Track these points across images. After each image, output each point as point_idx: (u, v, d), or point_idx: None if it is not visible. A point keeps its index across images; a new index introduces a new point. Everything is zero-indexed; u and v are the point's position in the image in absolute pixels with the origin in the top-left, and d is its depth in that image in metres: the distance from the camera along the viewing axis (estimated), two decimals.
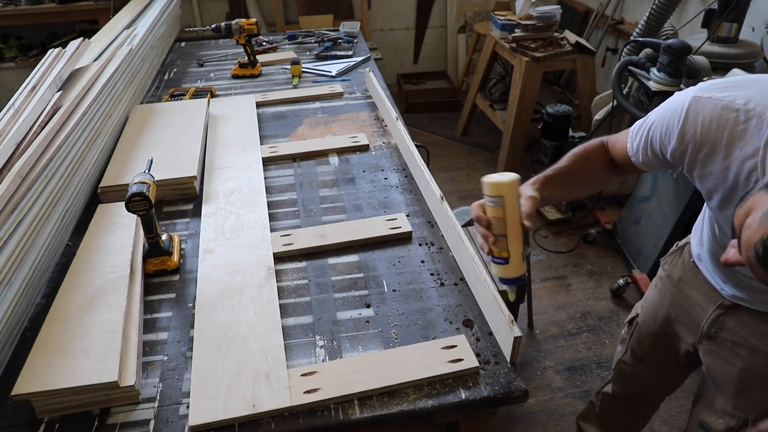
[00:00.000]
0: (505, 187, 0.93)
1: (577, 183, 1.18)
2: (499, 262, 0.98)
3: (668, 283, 1.38)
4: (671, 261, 1.39)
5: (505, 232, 0.95)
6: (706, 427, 1.33)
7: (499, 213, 0.94)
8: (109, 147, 1.80)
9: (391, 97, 2.08)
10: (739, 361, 1.21)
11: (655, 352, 1.47)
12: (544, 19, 3.18)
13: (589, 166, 1.17)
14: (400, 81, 4.66)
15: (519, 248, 0.96)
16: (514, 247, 0.96)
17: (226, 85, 2.39)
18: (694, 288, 1.29)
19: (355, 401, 0.99)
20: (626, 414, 1.70)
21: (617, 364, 1.60)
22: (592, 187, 1.25)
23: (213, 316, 1.15)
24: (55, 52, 1.91)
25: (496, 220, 0.95)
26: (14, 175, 1.23)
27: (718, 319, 1.23)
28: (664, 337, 1.42)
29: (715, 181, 0.97)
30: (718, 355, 1.25)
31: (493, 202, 0.94)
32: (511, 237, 0.96)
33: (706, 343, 1.27)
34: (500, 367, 1.04)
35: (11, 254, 1.15)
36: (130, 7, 2.87)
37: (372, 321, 1.16)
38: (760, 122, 0.88)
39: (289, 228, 1.44)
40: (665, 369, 1.49)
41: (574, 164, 1.15)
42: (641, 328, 1.48)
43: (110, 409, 0.99)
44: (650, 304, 1.45)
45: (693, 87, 1.00)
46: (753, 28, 2.61)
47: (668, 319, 1.38)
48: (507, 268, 0.98)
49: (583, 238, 2.99)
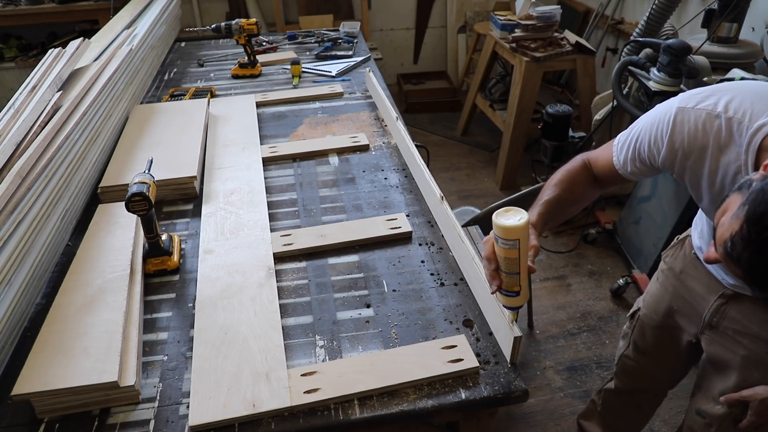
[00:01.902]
0: (520, 230, 0.96)
1: (567, 208, 1.22)
2: (510, 296, 1.03)
3: (670, 275, 1.41)
4: (672, 254, 1.41)
5: (518, 269, 1.00)
6: (703, 414, 1.36)
7: (515, 254, 0.98)
8: (109, 147, 1.80)
9: (391, 97, 2.08)
10: (741, 349, 1.23)
11: (658, 344, 1.49)
12: (544, 19, 3.18)
13: (575, 190, 1.21)
14: (400, 81, 4.66)
15: (527, 282, 1.03)
16: (524, 282, 1.02)
17: (226, 85, 2.39)
18: (695, 279, 1.32)
19: (355, 401, 0.99)
20: (628, 410, 1.70)
21: (620, 359, 1.62)
22: (579, 207, 1.29)
23: (213, 316, 1.15)
24: (55, 52, 1.91)
25: (510, 261, 0.99)
26: (14, 175, 1.23)
27: (720, 309, 1.25)
28: (666, 330, 1.44)
29: (704, 185, 1.03)
30: (721, 344, 1.27)
31: (507, 244, 0.97)
32: (523, 274, 1.01)
33: (709, 333, 1.29)
34: (500, 367, 1.04)
35: (11, 254, 1.15)
36: (130, 7, 2.87)
37: (372, 321, 1.16)
38: (740, 128, 0.94)
39: (289, 228, 1.45)
40: (667, 362, 1.51)
41: (563, 192, 1.19)
42: (643, 321, 1.50)
43: (110, 409, 0.99)
44: (652, 297, 1.47)
45: (676, 98, 1.06)
46: (753, 28, 2.61)
47: (670, 311, 1.41)
48: (517, 299, 1.04)
49: (583, 238, 2.99)
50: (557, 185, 1.21)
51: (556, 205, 1.18)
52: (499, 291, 1.04)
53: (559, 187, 1.20)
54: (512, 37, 3.25)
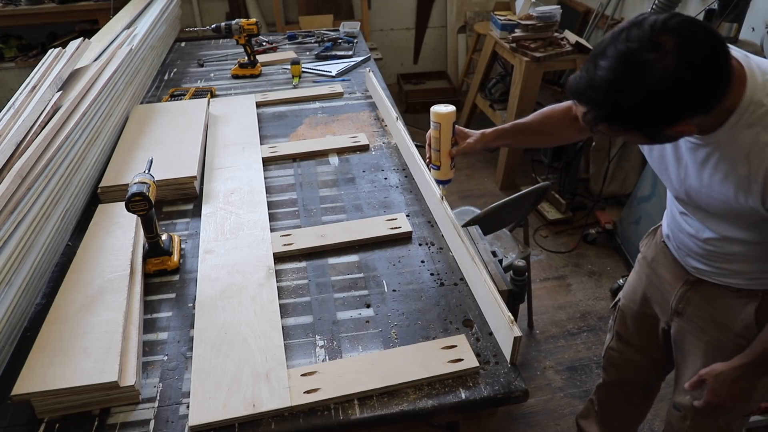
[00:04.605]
0: (441, 116, 1.34)
1: (534, 136, 1.40)
2: (434, 168, 1.43)
3: (644, 264, 1.46)
4: (647, 243, 1.47)
5: (439, 147, 1.38)
6: (678, 407, 1.41)
7: (437, 135, 1.37)
8: (109, 147, 1.80)
9: (391, 97, 2.08)
10: (704, 336, 1.28)
11: (638, 333, 1.53)
12: (544, 19, 3.18)
13: (546, 122, 1.37)
14: (400, 81, 4.66)
15: (447, 161, 1.40)
16: (444, 159, 1.40)
17: (226, 85, 2.39)
18: (664, 266, 1.36)
19: (355, 401, 0.99)
20: (622, 405, 1.72)
21: (606, 351, 1.66)
22: (549, 140, 1.51)
23: (213, 316, 1.15)
24: (55, 52, 1.91)
25: (435, 139, 1.37)
26: (14, 175, 1.23)
27: (685, 295, 1.30)
28: (644, 318, 1.48)
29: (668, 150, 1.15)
30: (688, 332, 1.32)
31: (433, 125, 1.36)
32: (442, 152, 1.39)
33: (677, 320, 1.34)
34: (500, 367, 1.04)
35: (11, 254, 1.15)
36: (130, 7, 2.87)
37: (372, 321, 1.16)
38: None
39: (289, 228, 1.44)
40: (649, 351, 1.54)
41: (534, 119, 1.38)
42: (623, 311, 1.55)
43: (110, 409, 0.99)
44: (630, 286, 1.53)
45: None
46: (753, 28, 2.61)
47: (646, 299, 1.46)
48: (438, 173, 1.43)
49: (583, 238, 2.99)
50: (534, 114, 1.38)
51: (522, 127, 1.39)
52: (431, 166, 1.42)
53: (534, 116, 1.38)
54: (512, 37, 3.24)
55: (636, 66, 0.84)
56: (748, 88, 0.94)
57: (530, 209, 2.26)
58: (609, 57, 0.87)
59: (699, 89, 0.85)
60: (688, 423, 1.39)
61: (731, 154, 0.99)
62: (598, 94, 0.89)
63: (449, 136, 1.37)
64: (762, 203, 0.98)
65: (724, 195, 1.03)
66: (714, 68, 0.85)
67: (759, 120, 0.94)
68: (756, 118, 0.94)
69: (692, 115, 0.88)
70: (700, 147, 1.04)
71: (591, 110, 0.92)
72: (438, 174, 1.42)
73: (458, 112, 1.57)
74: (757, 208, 0.99)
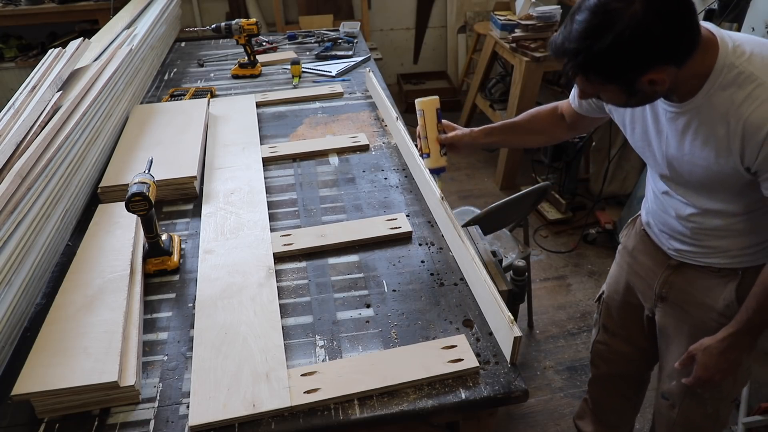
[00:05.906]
0: (423, 103, 1.39)
1: (522, 134, 1.45)
2: (424, 156, 1.45)
3: (624, 253, 1.48)
4: (626, 233, 1.49)
5: (426, 135, 1.41)
6: (666, 396, 1.42)
7: (422, 122, 1.41)
8: (109, 147, 1.80)
9: (391, 97, 2.08)
10: (688, 318, 1.29)
11: (623, 324, 1.55)
12: (544, 19, 3.18)
13: (534, 121, 1.43)
14: (400, 81, 4.66)
15: (436, 148, 1.42)
16: (432, 146, 1.41)
17: (226, 85, 2.39)
18: (645, 254, 1.38)
19: (355, 401, 0.99)
20: (615, 400, 1.72)
21: (593, 345, 1.67)
22: (537, 140, 1.52)
23: (213, 316, 1.15)
24: (55, 52, 1.91)
25: (421, 127, 1.41)
26: (14, 175, 1.23)
27: (668, 280, 1.31)
28: (629, 308, 1.50)
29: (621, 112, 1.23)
30: (672, 316, 1.34)
31: (418, 113, 1.40)
32: (430, 139, 1.41)
33: (661, 306, 1.36)
34: (500, 367, 1.04)
35: (11, 254, 1.15)
36: (130, 7, 2.87)
37: (372, 321, 1.16)
38: None
39: (289, 228, 1.45)
40: (635, 341, 1.55)
41: (522, 119, 1.44)
42: (607, 303, 1.57)
43: (110, 409, 0.99)
44: (612, 277, 1.55)
45: None
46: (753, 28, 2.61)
47: (629, 288, 1.47)
48: (429, 160, 1.44)
49: (583, 238, 2.99)
50: (522, 114, 1.44)
51: (511, 126, 1.45)
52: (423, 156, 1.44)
53: (521, 116, 1.44)
54: (512, 37, 3.24)
55: (606, 14, 0.92)
56: (720, 54, 1.00)
57: (530, 209, 2.27)
58: (583, 10, 0.95)
59: (665, 36, 0.92)
60: (676, 411, 1.40)
61: (709, 118, 1.03)
62: (573, 43, 0.96)
63: (434, 122, 1.40)
64: (741, 161, 1.02)
65: (706, 160, 1.06)
66: (679, 18, 0.92)
67: (732, 81, 0.99)
68: (729, 79, 1.00)
69: (661, 62, 0.94)
70: (679, 115, 1.08)
71: (569, 62, 0.99)
72: (429, 162, 1.44)
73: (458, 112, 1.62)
74: (737, 167, 1.03)
